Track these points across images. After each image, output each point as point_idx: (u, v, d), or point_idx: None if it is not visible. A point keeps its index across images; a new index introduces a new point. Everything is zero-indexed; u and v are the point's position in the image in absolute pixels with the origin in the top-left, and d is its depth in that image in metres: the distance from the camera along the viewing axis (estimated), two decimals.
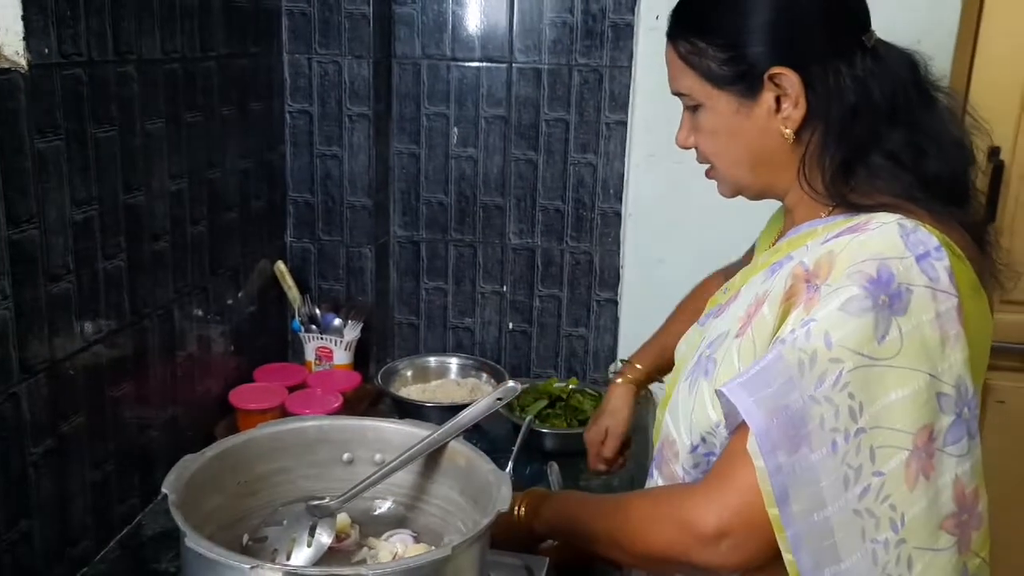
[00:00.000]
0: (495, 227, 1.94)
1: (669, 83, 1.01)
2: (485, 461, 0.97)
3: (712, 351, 0.95)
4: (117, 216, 1.28)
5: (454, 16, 1.83)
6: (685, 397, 0.97)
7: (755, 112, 0.93)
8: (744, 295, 0.96)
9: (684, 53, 0.95)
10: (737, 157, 0.97)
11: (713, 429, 0.92)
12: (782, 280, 0.88)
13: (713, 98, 0.95)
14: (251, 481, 1.00)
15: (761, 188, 1.00)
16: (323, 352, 1.82)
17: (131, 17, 1.27)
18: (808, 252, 0.88)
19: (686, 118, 1.01)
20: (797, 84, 0.91)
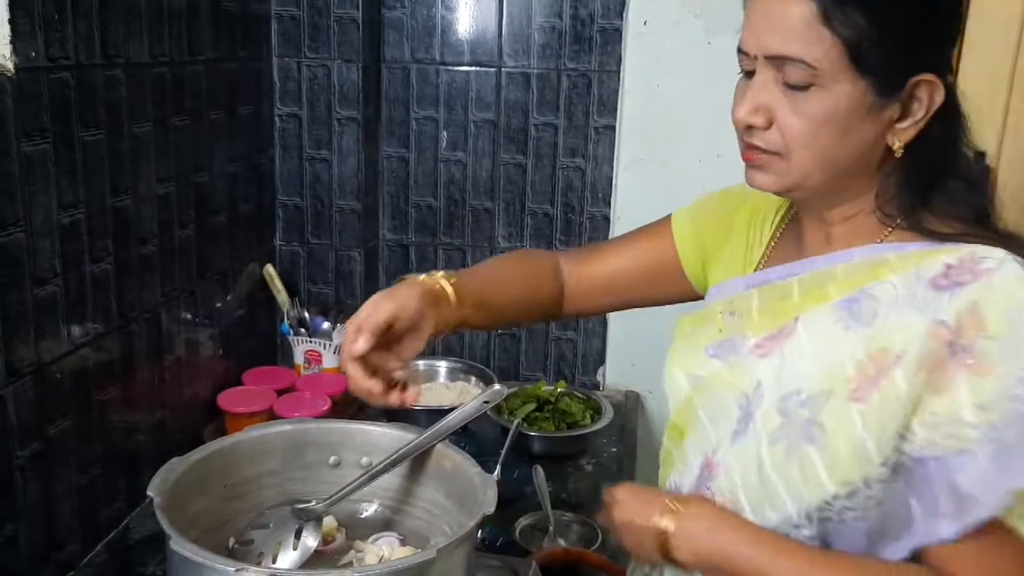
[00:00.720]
0: (484, 231, 1.94)
1: (768, 42, 0.82)
2: (471, 464, 0.98)
3: (811, 413, 0.83)
4: (104, 219, 1.28)
5: (443, 20, 1.84)
6: (775, 463, 0.84)
7: (882, 115, 0.82)
8: (812, 334, 0.85)
9: (832, 18, 0.78)
10: (831, 156, 0.83)
11: (829, 502, 0.82)
12: (916, 342, 0.78)
13: (845, 82, 0.80)
14: (237, 484, 1.00)
15: (819, 194, 0.88)
16: (312, 355, 1.83)
17: (119, 21, 1.27)
18: (923, 302, 0.79)
19: (757, 89, 0.83)
20: (939, 99, 0.81)
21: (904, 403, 0.78)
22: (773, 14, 0.81)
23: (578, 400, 1.76)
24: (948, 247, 0.82)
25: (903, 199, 0.86)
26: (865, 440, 0.79)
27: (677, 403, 0.99)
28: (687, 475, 0.95)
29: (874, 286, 0.83)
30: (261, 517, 1.00)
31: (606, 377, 1.98)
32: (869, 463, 0.79)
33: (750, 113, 0.84)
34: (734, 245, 1.04)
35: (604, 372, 1.97)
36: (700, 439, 0.94)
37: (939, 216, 0.85)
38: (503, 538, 1.37)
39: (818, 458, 0.82)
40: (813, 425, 0.83)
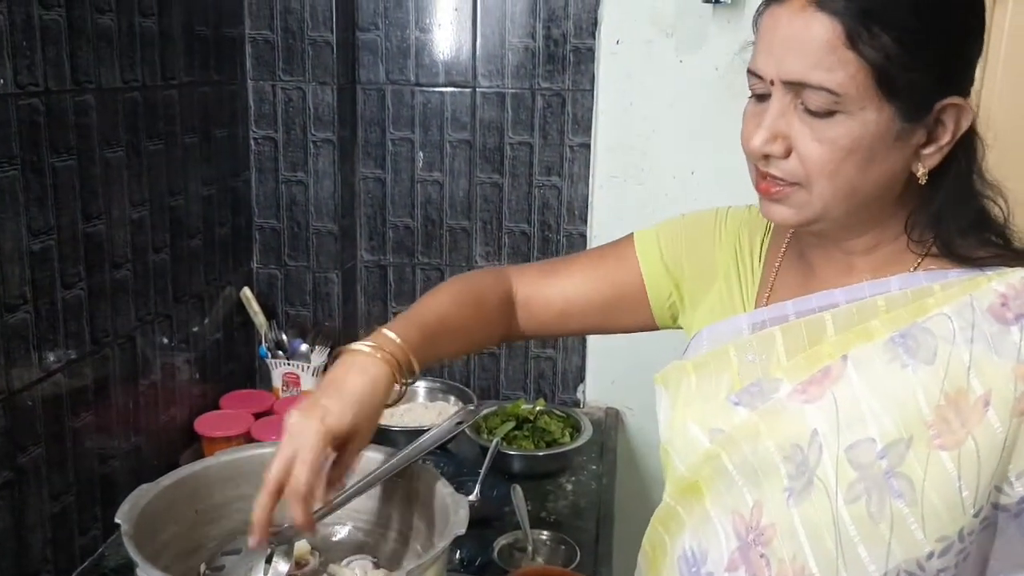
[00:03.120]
0: (462, 250, 1.94)
1: (788, 67, 0.76)
2: (444, 485, 0.97)
3: (891, 464, 0.77)
4: (76, 245, 1.27)
5: (417, 42, 1.85)
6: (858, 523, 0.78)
7: (909, 141, 0.77)
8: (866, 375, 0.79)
9: (858, 41, 0.73)
10: (856, 186, 0.79)
11: (922, 563, 0.77)
12: (1003, 384, 0.75)
13: (871, 108, 0.75)
14: (208, 509, 1.00)
15: (842, 225, 0.83)
16: (290, 378, 1.82)
17: (89, 46, 1.27)
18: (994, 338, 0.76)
19: (774, 116, 0.79)
20: (965, 123, 0.78)
21: (1000, 448, 0.75)
22: (791, 35, 0.76)
23: (557, 418, 1.76)
24: (991, 273, 0.79)
25: (934, 226, 0.82)
26: (962, 490, 0.75)
27: (692, 460, 0.89)
28: (712, 539, 0.88)
29: (926, 319, 0.78)
30: (233, 542, 0.99)
31: (586, 394, 1.98)
32: (964, 514, 0.76)
33: (767, 142, 0.79)
34: (724, 280, 0.98)
35: (584, 390, 1.98)
36: (729, 499, 0.86)
37: (969, 239, 0.82)
38: (482, 558, 1.36)
39: (910, 513, 0.76)
40: (895, 477, 0.77)
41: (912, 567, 0.77)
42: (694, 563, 0.89)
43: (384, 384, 0.88)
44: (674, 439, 0.92)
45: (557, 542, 1.41)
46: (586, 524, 1.52)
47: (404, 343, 0.91)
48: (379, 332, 0.92)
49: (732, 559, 0.86)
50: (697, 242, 1.01)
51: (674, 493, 0.92)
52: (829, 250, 0.88)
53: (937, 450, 0.76)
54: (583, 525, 1.51)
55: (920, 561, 0.77)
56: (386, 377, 0.88)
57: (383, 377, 0.88)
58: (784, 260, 0.95)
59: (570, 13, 1.79)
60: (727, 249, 0.99)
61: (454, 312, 1.00)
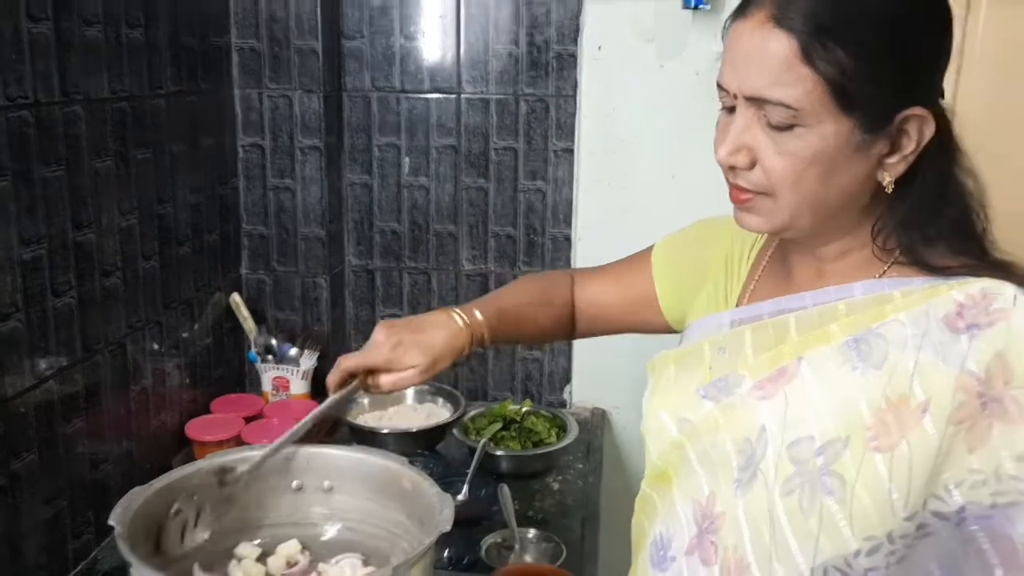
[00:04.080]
0: (448, 254, 1.97)
1: (748, 83, 0.79)
2: (430, 484, 1.00)
3: (827, 462, 0.79)
4: (66, 253, 1.29)
5: (402, 49, 1.87)
6: (790, 515, 0.80)
7: (870, 151, 0.79)
8: (818, 376, 0.82)
9: (814, 57, 0.75)
10: (820, 196, 0.81)
11: (849, 560, 0.78)
12: (944, 392, 0.76)
13: (829, 121, 0.77)
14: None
15: (811, 232, 0.85)
16: (280, 382, 1.84)
17: (77, 58, 1.29)
18: (943, 347, 0.77)
19: (739, 130, 0.81)
20: (928, 133, 0.78)
21: (934, 455, 0.75)
22: (751, 51, 0.78)
23: (544, 418, 1.79)
24: (953, 282, 0.80)
25: (899, 234, 0.83)
26: (892, 492, 0.76)
27: (661, 447, 0.93)
28: (676, 525, 0.92)
29: (881, 325, 0.80)
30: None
31: (573, 395, 2.01)
32: (894, 517, 0.77)
33: (732, 154, 0.81)
34: (713, 281, 1.02)
35: (571, 390, 2.00)
36: (691, 487, 0.90)
37: (937, 248, 0.82)
38: (469, 556, 1.39)
39: (838, 510, 0.78)
40: (829, 475, 0.79)
41: (840, 563, 0.78)
42: (662, 547, 0.93)
43: (457, 349, 1.07)
44: (649, 426, 0.96)
45: (544, 540, 1.43)
46: (572, 522, 1.55)
47: (484, 322, 1.10)
48: (469, 307, 1.11)
49: (691, 544, 0.89)
50: (696, 247, 1.08)
51: (649, 479, 0.97)
52: (804, 255, 0.91)
53: (872, 452, 0.77)
54: (569, 523, 1.54)
55: (847, 558, 0.78)
56: (461, 345, 1.08)
57: (459, 345, 1.07)
58: (768, 264, 0.98)
59: (552, 20, 1.82)
60: (720, 252, 1.03)
61: (527, 304, 1.17)
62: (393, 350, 1.04)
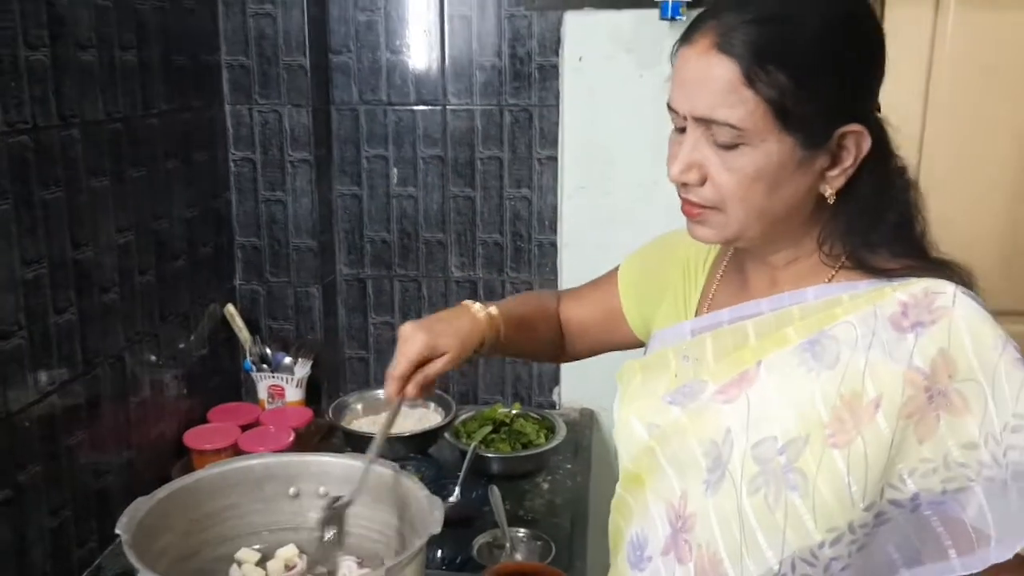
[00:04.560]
0: (437, 262, 2.02)
1: (696, 105, 0.84)
2: (420, 488, 1.05)
3: (789, 460, 0.83)
4: (66, 272, 1.34)
5: (388, 63, 1.92)
6: (757, 513, 0.85)
7: (812, 166, 0.84)
8: (776, 378, 0.86)
9: (755, 80, 0.80)
10: (766, 209, 0.86)
11: (814, 551, 0.83)
12: (894, 388, 0.80)
13: (772, 140, 0.82)
14: (201, 519, 1.07)
15: (761, 242, 0.90)
16: (275, 390, 1.89)
17: (73, 82, 1.34)
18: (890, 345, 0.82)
19: (689, 149, 0.86)
20: (866, 147, 0.83)
21: (888, 447, 0.80)
22: (697, 76, 0.83)
23: (532, 420, 1.84)
24: (897, 283, 0.85)
25: (843, 241, 0.88)
26: (850, 485, 0.81)
27: (633, 452, 0.98)
28: (651, 526, 0.96)
29: (833, 327, 0.85)
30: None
31: (561, 396, 2.06)
32: (854, 507, 0.81)
33: (683, 171, 0.86)
34: (673, 292, 1.07)
35: (559, 392, 2.05)
36: (663, 489, 0.94)
37: (880, 252, 0.87)
38: (462, 556, 1.44)
39: (802, 504, 0.82)
40: (792, 472, 0.83)
41: (806, 555, 0.83)
42: (639, 547, 0.97)
43: (480, 338, 1.08)
44: (620, 432, 1.01)
45: (533, 538, 1.48)
46: (562, 521, 1.60)
47: (501, 319, 1.11)
48: (489, 304, 1.12)
49: (666, 544, 0.94)
50: (655, 261, 1.13)
51: (624, 483, 1.01)
52: (758, 264, 0.96)
53: (830, 448, 0.82)
54: (559, 522, 1.59)
55: (813, 550, 0.83)
56: (481, 335, 1.08)
57: (479, 333, 1.08)
58: (724, 273, 1.03)
59: (534, 32, 1.87)
60: (678, 264, 1.08)
61: (532, 316, 1.19)
62: (429, 336, 1.04)
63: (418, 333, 1.04)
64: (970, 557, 0.81)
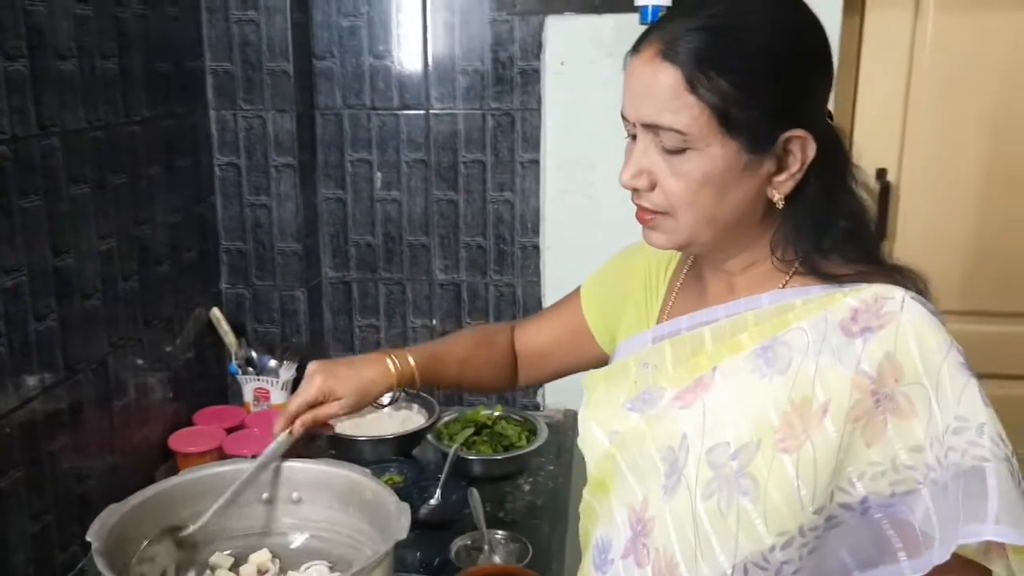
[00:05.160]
0: (421, 264, 2.04)
1: (642, 112, 0.86)
2: (389, 494, 1.06)
3: (741, 465, 0.84)
4: (47, 279, 1.35)
5: (371, 68, 1.93)
6: (711, 518, 0.86)
7: (758, 171, 0.86)
8: (731, 384, 0.87)
9: (697, 86, 0.82)
10: (715, 213, 0.87)
11: (766, 555, 0.84)
12: (841, 392, 0.82)
13: (716, 144, 0.84)
14: (175, 525, 1.08)
15: (713, 247, 0.92)
16: (260, 393, 1.90)
17: (52, 91, 1.35)
18: (839, 350, 0.83)
19: (639, 155, 0.88)
20: (811, 152, 0.85)
21: (836, 451, 0.81)
22: (643, 83, 0.85)
23: (514, 423, 1.85)
24: (848, 288, 0.86)
25: (794, 246, 0.89)
26: (800, 489, 0.82)
27: (596, 458, 1.00)
28: (614, 530, 0.97)
29: (785, 333, 0.86)
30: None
31: (545, 397, 2.07)
32: (803, 511, 0.82)
33: (634, 177, 0.88)
34: (635, 303, 1.09)
35: (543, 393, 2.07)
36: (625, 494, 0.96)
37: (831, 258, 0.88)
38: (439, 558, 1.45)
39: (753, 509, 0.83)
40: (744, 477, 0.84)
41: (758, 559, 0.84)
42: (603, 550, 0.99)
43: (385, 386, 1.16)
44: (584, 439, 1.02)
45: (512, 540, 1.50)
46: (541, 523, 1.61)
47: (415, 364, 1.18)
48: (403, 351, 1.19)
49: (626, 547, 0.95)
50: (616, 275, 1.16)
51: (590, 489, 1.03)
52: (715, 271, 0.97)
53: (780, 453, 0.83)
54: (538, 524, 1.61)
55: (764, 553, 0.84)
56: (387, 385, 1.16)
57: (384, 383, 1.15)
58: (684, 281, 1.05)
59: (516, 37, 1.88)
60: (639, 275, 1.10)
61: (463, 350, 1.25)
62: (325, 382, 1.13)
63: (317, 376, 1.13)
64: (918, 560, 0.82)
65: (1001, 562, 0.79)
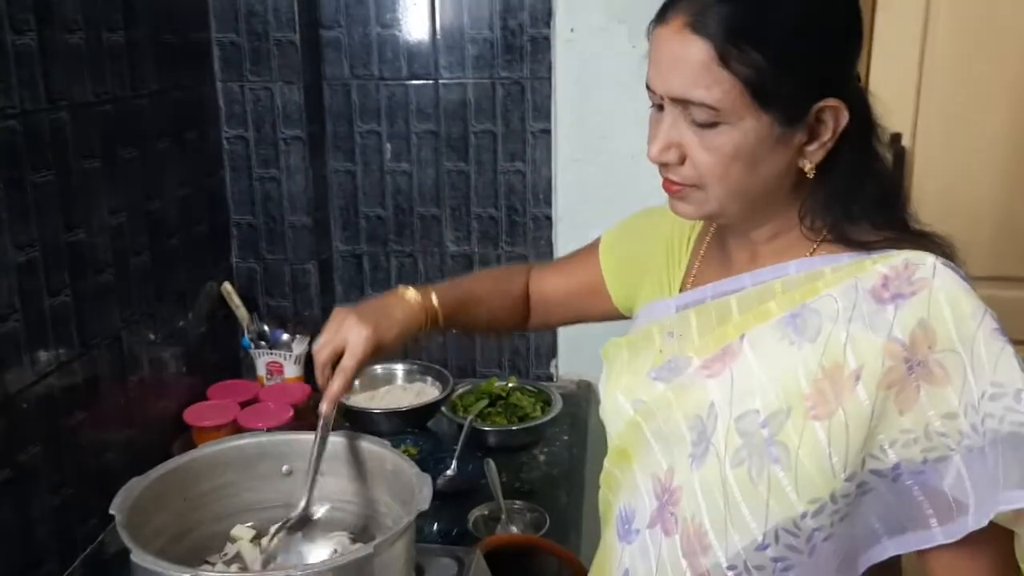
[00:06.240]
0: (433, 237, 2.02)
1: (671, 86, 0.84)
2: (409, 465, 1.06)
3: (771, 433, 0.84)
4: (60, 254, 1.35)
5: (379, 37, 1.91)
6: (741, 486, 0.86)
7: (790, 142, 0.84)
8: (759, 352, 0.87)
9: (729, 59, 0.80)
10: (745, 186, 0.86)
11: (797, 522, 0.84)
12: (873, 359, 0.81)
13: (749, 118, 0.82)
14: (195, 497, 1.09)
15: (741, 218, 0.91)
16: (273, 367, 1.90)
17: (60, 65, 1.34)
18: (871, 317, 0.82)
19: (667, 128, 0.86)
20: (844, 120, 0.84)
21: (868, 419, 0.81)
22: (673, 57, 0.83)
23: (529, 393, 1.86)
24: (877, 255, 0.85)
25: (824, 215, 0.88)
26: (831, 456, 0.82)
27: (619, 427, 0.99)
28: (638, 500, 0.97)
29: (815, 300, 0.85)
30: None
31: (559, 368, 2.07)
32: (835, 479, 0.82)
33: (662, 152, 0.86)
34: (657, 268, 1.07)
35: (557, 364, 2.07)
36: (649, 463, 0.96)
37: (861, 225, 0.87)
38: (458, 528, 1.46)
39: (784, 476, 0.83)
40: (774, 445, 0.84)
41: (789, 526, 0.84)
42: (627, 520, 0.99)
43: (417, 328, 1.11)
44: (607, 408, 1.02)
45: (529, 511, 1.51)
46: (557, 492, 1.62)
47: (439, 303, 1.14)
48: (426, 289, 1.15)
49: (652, 517, 0.95)
50: (640, 237, 1.13)
51: (611, 458, 1.02)
52: (740, 239, 0.96)
53: (811, 420, 0.83)
54: (555, 493, 1.61)
55: (795, 520, 0.84)
56: (418, 323, 1.11)
57: (418, 324, 1.11)
58: (707, 249, 1.03)
59: (525, 4, 1.85)
60: (661, 241, 1.08)
61: (485, 291, 1.23)
62: (375, 333, 1.06)
63: (363, 329, 1.05)
64: (951, 525, 0.81)
65: None
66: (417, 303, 1.12)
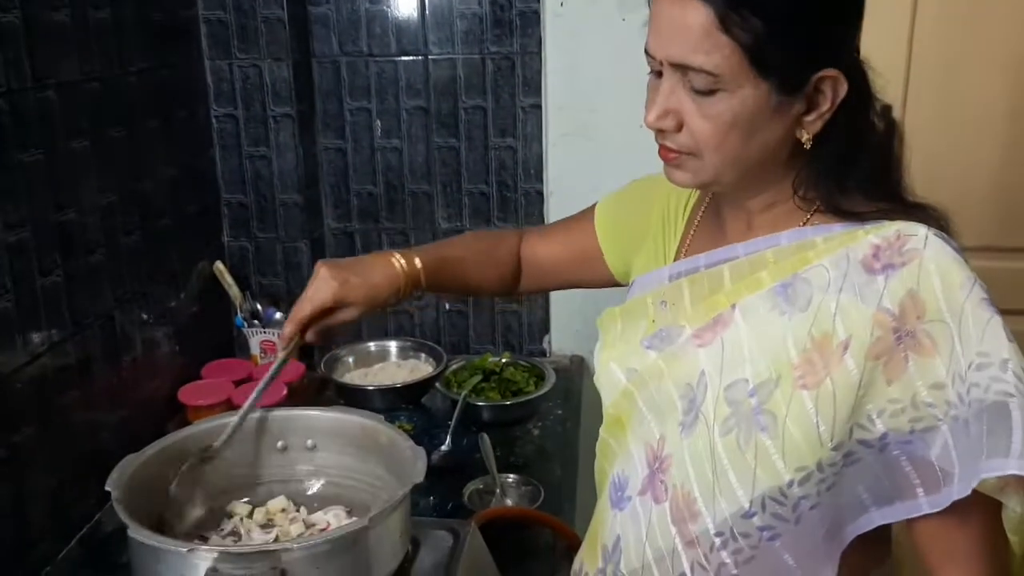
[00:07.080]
0: (424, 213, 2.02)
1: (671, 51, 0.83)
2: (404, 439, 1.07)
3: (759, 401, 0.85)
4: (50, 234, 1.34)
5: (367, 13, 1.90)
6: (729, 454, 0.87)
7: (788, 112, 0.84)
8: (750, 321, 0.87)
9: (730, 25, 0.79)
10: (742, 155, 0.86)
11: (784, 490, 0.85)
12: (862, 329, 0.81)
13: (748, 86, 0.82)
14: (191, 473, 1.09)
15: (736, 187, 0.91)
16: (267, 345, 1.91)
17: (46, 43, 1.32)
18: (861, 287, 0.82)
19: (665, 95, 0.85)
20: (843, 91, 0.83)
21: (856, 388, 0.81)
22: (673, 22, 0.82)
23: (522, 368, 1.86)
24: (870, 226, 0.85)
25: (818, 185, 0.88)
26: (819, 425, 0.82)
27: (613, 396, 1.00)
28: (631, 467, 0.98)
29: (807, 270, 0.86)
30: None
31: (552, 344, 2.08)
32: (822, 447, 0.82)
33: (659, 118, 0.86)
34: (653, 237, 1.08)
35: (550, 339, 2.07)
36: (642, 431, 0.96)
37: (855, 196, 0.87)
38: (453, 502, 1.47)
39: (771, 445, 0.84)
40: (762, 413, 0.84)
41: (775, 494, 0.85)
42: (620, 488, 1.00)
43: (395, 291, 1.12)
44: (600, 377, 1.02)
45: (523, 484, 1.52)
46: (551, 465, 1.63)
47: (422, 267, 1.14)
48: (409, 252, 1.15)
49: (643, 484, 0.96)
50: (636, 205, 1.13)
51: (606, 426, 1.03)
52: (735, 209, 0.96)
53: (800, 390, 0.83)
54: (549, 466, 1.62)
55: (782, 488, 0.85)
56: (396, 288, 1.12)
57: (393, 286, 1.12)
58: (702, 218, 1.04)
59: None
60: (657, 210, 1.09)
61: (470, 253, 1.23)
62: (341, 287, 1.08)
63: (332, 281, 1.08)
64: (936, 495, 0.82)
65: (1017, 496, 0.79)
66: (399, 265, 1.13)
